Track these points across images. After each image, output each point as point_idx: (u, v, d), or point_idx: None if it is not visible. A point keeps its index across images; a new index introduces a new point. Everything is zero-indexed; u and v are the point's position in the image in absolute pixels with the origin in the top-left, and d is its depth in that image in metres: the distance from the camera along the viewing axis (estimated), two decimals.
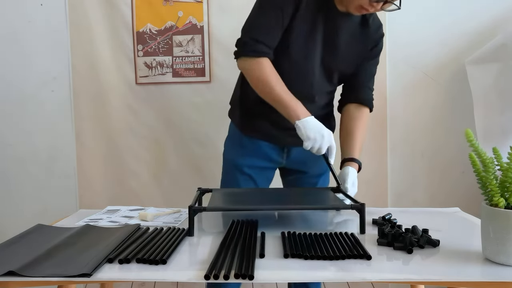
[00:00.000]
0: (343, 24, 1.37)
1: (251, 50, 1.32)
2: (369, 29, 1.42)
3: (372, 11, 1.30)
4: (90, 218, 1.26)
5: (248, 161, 1.46)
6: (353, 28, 1.40)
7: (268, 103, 1.35)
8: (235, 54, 1.37)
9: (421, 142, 2.25)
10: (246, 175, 1.46)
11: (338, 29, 1.37)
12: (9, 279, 0.79)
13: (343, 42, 1.39)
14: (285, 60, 1.37)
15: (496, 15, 2.16)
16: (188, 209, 1.04)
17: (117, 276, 0.82)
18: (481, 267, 0.84)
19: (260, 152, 1.46)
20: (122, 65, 2.19)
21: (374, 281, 0.80)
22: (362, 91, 1.48)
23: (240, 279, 0.79)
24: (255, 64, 1.32)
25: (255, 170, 1.47)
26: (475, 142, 0.85)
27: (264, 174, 1.50)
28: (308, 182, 1.53)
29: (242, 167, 1.46)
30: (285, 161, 1.50)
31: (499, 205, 0.83)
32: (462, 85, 2.16)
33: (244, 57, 1.34)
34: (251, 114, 1.46)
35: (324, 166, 1.53)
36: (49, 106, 2.21)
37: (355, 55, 1.43)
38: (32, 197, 2.24)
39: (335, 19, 1.36)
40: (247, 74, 1.36)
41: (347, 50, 1.40)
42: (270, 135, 1.45)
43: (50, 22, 2.18)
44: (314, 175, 1.53)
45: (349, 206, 1.09)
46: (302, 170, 1.52)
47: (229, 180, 1.49)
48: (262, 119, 1.44)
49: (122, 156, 2.23)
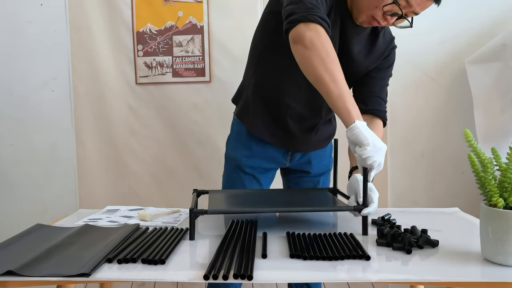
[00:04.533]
0: (355, 32, 1.30)
1: (320, 17, 1.08)
2: (379, 40, 1.36)
3: (383, 24, 1.22)
4: (90, 218, 1.26)
5: (252, 162, 1.44)
6: (364, 39, 1.33)
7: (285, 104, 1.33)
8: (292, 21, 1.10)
9: (421, 142, 2.25)
10: (249, 175, 1.45)
11: (351, 37, 1.30)
12: (8, 279, 0.79)
13: (356, 50, 1.31)
14: None
15: (496, 15, 2.16)
16: (189, 212, 1.03)
17: (116, 276, 0.82)
18: (480, 267, 0.84)
19: (266, 154, 1.44)
20: (122, 65, 2.19)
21: (373, 281, 0.80)
22: (375, 101, 1.38)
23: (239, 279, 0.79)
24: (324, 34, 1.07)
25: (259, 170, 1.46)
26: (474, 142, 0.85)
27: (267, 174, 1.49)
28: (310, 181, 1.52)
29: (245, 168, 1.44)
30: (289, 163, 1.50)
31: (498, 205, 0.83)
32: (462, 85, 2.16)
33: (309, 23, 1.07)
34: (263, 116, 1.40)
35: (325, 165, 1.53)
36: (49, 106, 2.22)
37: (364, 65, 1.36)
38: (32, 197, 2.25)
39: (349, 27, 1.28)
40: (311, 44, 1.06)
41: (358, 58, 1.33)
42: (280, 140, 1.43)
43: (50, 22, 2.18)
44: (317, 174, 1.52)
45: (352, 207, 1.08)
46: (305, 170, 1.52)
47: (233, 180, 1.46)
48: (275, 123, 1.40)
49: (122, 156, 2.23)
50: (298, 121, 1.40)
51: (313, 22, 1.07)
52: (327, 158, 1.55)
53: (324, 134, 1.50)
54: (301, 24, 1.08)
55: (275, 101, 1.38)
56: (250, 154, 1.44)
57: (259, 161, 1.44)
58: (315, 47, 1.06)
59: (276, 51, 1.31)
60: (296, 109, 1.38)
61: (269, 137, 1.42)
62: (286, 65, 1.27)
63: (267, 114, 1.40)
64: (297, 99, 1.36)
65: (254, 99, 1.41)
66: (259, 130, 1.42)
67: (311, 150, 1.49)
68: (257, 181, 1.46)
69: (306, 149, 1.48)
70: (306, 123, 1.42)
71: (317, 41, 1.06)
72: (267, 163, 1.46)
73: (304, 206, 1.19)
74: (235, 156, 1.46)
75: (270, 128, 1.41)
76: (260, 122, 1.41)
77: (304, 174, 1.52)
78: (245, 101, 1.44)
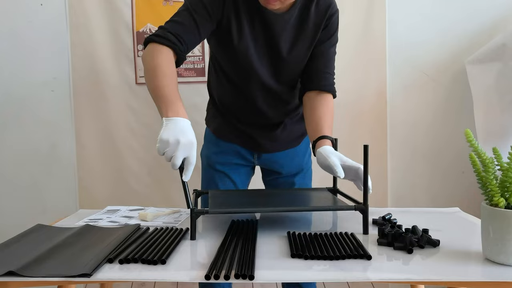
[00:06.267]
0: (281, 21, 1.26)
1: (157, 36, 1.18)
2: (310, 18, 1.29)
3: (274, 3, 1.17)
4: (90, 218, 1.26)
5: (221, 158, 1.46)
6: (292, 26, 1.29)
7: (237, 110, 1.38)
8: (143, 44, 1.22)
9: (421, 142, 2.25)
10: (220, 172, 1.46)
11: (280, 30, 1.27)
12: (9, 279, 0.79)
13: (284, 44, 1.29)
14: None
15: (496, 15, 2.16)
16: (190, 212, 1.03)
17: (117, 276, 0.81)
18: (481, 267, 0.84)
19: (234, 150, 1.47)
20: (122, 65, 2.19)
21: (374, 281, 0.80)
22: (322, 77, 1.34)
23: (240, 279, 0.79)
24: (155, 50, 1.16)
25: (229, 166, 1.47)
26: (475, 142, 0.85)
27: (238, 170, 1.49)
28: (285, 182, 1.51)
29: (215, 165, 1.46)
30: (257, 161, 1.50)
31: (499, 205, 0.83)
32: (462, 85, 2.16)
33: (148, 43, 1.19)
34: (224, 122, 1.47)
35: (298, 165, 1.51)
36: (49, 106, 2.22)
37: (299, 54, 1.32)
38: (32, 197, 2.25)
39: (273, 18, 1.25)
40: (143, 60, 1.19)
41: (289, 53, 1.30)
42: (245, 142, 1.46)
43: (50, 22, 2.18)
44: (289, 175, 1.51)
45: (352, 207, 1.08)
46: (276, 170, 1.51)
47: (206, 179, 1.49)
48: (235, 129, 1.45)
49: (122, 156, 2.23)
50: (253, 126, 1.44)
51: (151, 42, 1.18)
52: (300, 157, 1.52)
53: (294, 132, 1.49)
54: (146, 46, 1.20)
55: (225, 112, 1.46)
56: (219, 150, 1.47)
57: (227, 157, 1.47)
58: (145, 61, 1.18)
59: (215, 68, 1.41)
60: (244, 117, 1.43)
61: (233, 138, 1.47)
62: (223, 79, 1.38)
63: (227, 122, 1.46)
64: (241, 109, 1.42)
65: (213, 109, 1.50)
66: (223, 135, 1.48)
67: (282, 150, 1.49)
68: (228, 179, 1.47)
69: (275, 149, 1.48)
70: (263, 125, 1.44)
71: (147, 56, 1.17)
72: (236, 159, 1.48)
73: (304, 206, 1.19)
74: (206, 153, 1.51)
75: (233, 132, 1.46)
76: (223, 128, 1.48)
77: (277, 175, 1.52)
78: (208, 110, 1.55)
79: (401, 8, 2.18)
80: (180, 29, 1.20)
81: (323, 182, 1.51)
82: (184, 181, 1.04)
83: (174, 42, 1.18)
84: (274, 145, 1.47)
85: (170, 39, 1.17)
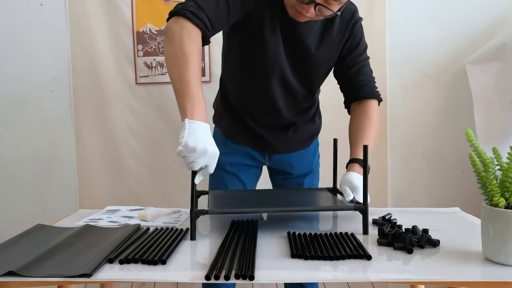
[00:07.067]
0: (307, 26, 1.26)
1: (192, 13, 1.07)
2: (334, 27, 1.30)
3: (308, 15, 1.16)
4: (90, 218, 1.26)
5: (231, 159, 1.45)
6: (318, 33, 1.29)
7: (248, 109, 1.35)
8: (169, 13, 1.12)
9: (421, 142, 2.25)
10: (230, 173, 1.45)
11: (305, 33, 1.27)
12: (9, 279, 0.79)
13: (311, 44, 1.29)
14: None
15: (496, 15, 2.16)
16: (190, 212, 1.03)
17: (117, 276, 0.81)
18: (481, 267, 0.84)
19: (244, 152, 1.46)
20: (122, 65, 2.19)
21: (374, 281, 0.80)
22: (360, 86, 1.37)
23: (240, 279, 0.79)
24: (186, 31, 1.06)
25: (239, 167, 1.46)
26: (475, 142, 0.85)
27: (248, 171, 1.49)
28: (294, 182, 1.51)
29: (225, 166, 1.44)
30: (268, 162, 1.50)
31: (499, 205, 0.83)
32: (462, 85, 2.16)
33: (178, 17, 1.08)
34: (234, 123, 1.44)
35: (308, 166, 1.52)
36: (49, 106, 2.22)
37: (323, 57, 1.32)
38: (32, 197, 2.25)
39: (298, 24, 1.25)
40: (170, 37, 1.07)
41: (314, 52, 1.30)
42: (255, 144, 1.45)
43: (50, 22, 2.18)
44: (299, 175, 1.51)
45: (352, 207, 1.08)
46: (286, 171, 1.51)
47: (215, 180, 1.48)
48: (246, 129, 1.43)
49: (122, 156, 2.23)
50: (266, 125, 1.42)
51: (182, 16, 1.07)
52: (309, 159, 1.52)
53: (305, 133, 1.49)
54: (173, 18, 1.10)
55: (238, 110, 1.43)
56: (229, 151, 1.45)
57: (238, 158, 1.46)
58: (173, 42, 1.06)
59: (233, 62, 1.37)
60: (258, 115, 1.41)
61: (244, 140, 1.45)
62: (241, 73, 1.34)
63: (238, 121, 1.43)
64: (257, 106, 1.39)
65: (224, 107, 1.46)
66: (233, 136, 1.46)
67: (293, 151, 1.48)
68: (238, 180, 1.47)
69: (286, 150, 1.48)
70: (276, 126, 1.43)
71: (176, 36, 1.06)
72: (246, 160, 1.47)
73: (304, 206, 1.19)
74: None
75: (243, 133, 1.44)
76: (233, 129, 1.45)
77: (287, 175, 1.52)
78: (218, 109, 1.51)
79: (401, 7, 2.18)
80: (214, 13, 1.11)
81: (323, 182, 1.52)
82: (194, 184, 1.03)
83: (207, 27, 1.09)
84: (285, 145, 1.46)
85: (205, 23, 1.09)
